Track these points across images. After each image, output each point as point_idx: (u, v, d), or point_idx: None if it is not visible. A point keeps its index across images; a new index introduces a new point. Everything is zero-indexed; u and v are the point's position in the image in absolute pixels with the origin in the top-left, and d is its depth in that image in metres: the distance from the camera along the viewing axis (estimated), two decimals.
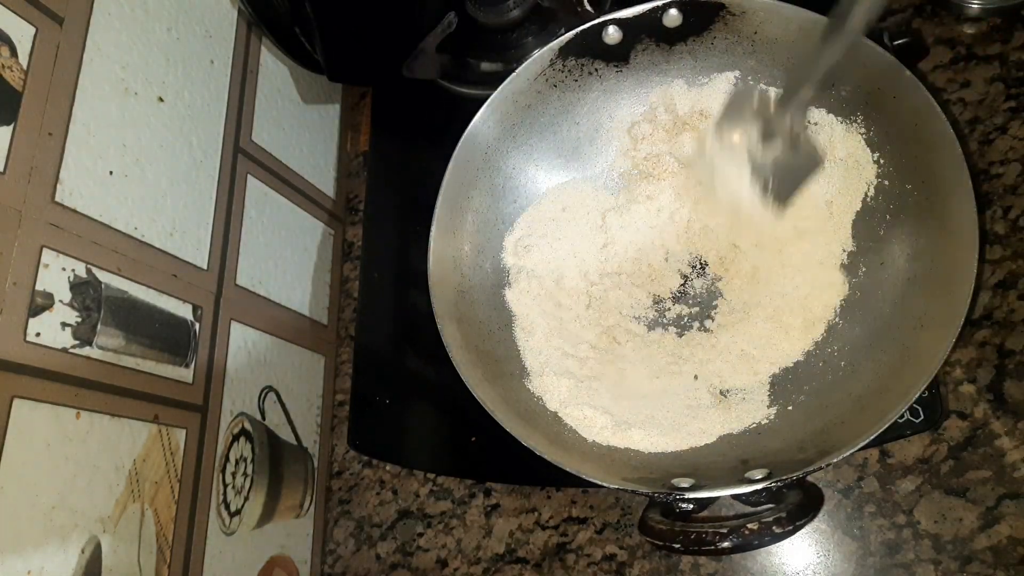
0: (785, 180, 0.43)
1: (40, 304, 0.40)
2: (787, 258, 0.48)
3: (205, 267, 0.53)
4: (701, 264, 0.51)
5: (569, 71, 0.50)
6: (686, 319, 0.50)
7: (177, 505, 0.48)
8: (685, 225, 0.52)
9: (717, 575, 0.50)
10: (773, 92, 0.43)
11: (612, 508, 0.54)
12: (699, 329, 0.50)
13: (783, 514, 0.36)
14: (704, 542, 0.36)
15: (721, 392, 0.46)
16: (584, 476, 0.40)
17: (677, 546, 0.37)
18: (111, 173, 0.46)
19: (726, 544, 0.36)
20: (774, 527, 0.35)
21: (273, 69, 0.64)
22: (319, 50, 0.59)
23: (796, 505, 0.36)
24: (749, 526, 0.35)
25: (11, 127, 0.40)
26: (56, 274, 0.41)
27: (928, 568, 0.46)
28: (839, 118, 0.47)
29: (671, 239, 0.52)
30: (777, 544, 0.39)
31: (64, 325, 0.42)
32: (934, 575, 0.46)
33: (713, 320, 0.50)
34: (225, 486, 0.52)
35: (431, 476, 0.60)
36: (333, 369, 0.67)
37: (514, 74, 0.49)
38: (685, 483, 0.40)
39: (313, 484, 0.62)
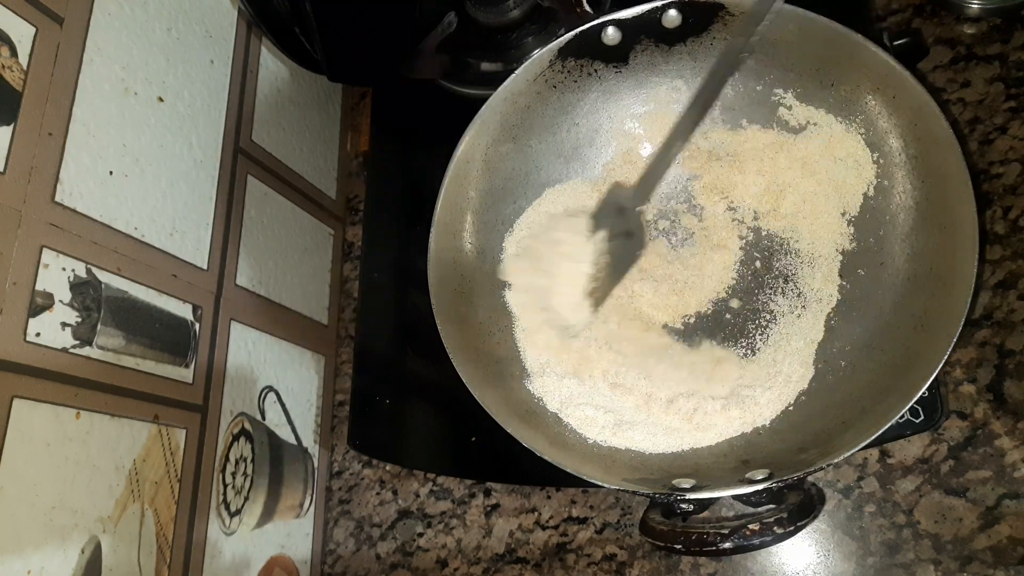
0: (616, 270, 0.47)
1: (40, 304, 0.40)
2: (788, 256, 0.48)
3: (205, 267, 0.53)
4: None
5: (568, 72, 0.50)
6: (687, 319, 0.50)
7: (177, 505, 0.48)
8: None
9: (717, 575, 0.50)
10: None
11: (612, 508, 0.54)
12: (700, 330, 0.50)
13: (784, 514, 0.36)
14: (705, 543, 0.36)
15: (723, 394, 0.46)
16: (585, 477, 0.40)
17: (678, 547, 0.37)
18: (111, 173, 0.46)
19: (727, 545, 0.36)
20: (775, 527, 0.35)
21: (273, 69, 0.64)
22: (319, 50, 0.58)
23: (797, 505, 0.36)
24: (750, 527, 0.35)
25: (11, 127, 0.40)
26: (56, 274, 0.41)
27: (928, 568, 0.46)
28: (839, 118, 0.47)
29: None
30: (778, 544, 0.39)
31: (64, 325, 0.42)
32: (934, 575, 0.46)
33: (714, 320, 0.50)
34: (225, 486, 0.52)
35: (431, 476, 0.60)
36: (333, 369, 0.67)
37: (513, 75, 0.49)
38: (686, 484, 0.40)
39: (313, 484, 0.62)
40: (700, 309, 0.50)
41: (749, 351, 0.48)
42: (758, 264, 0.50)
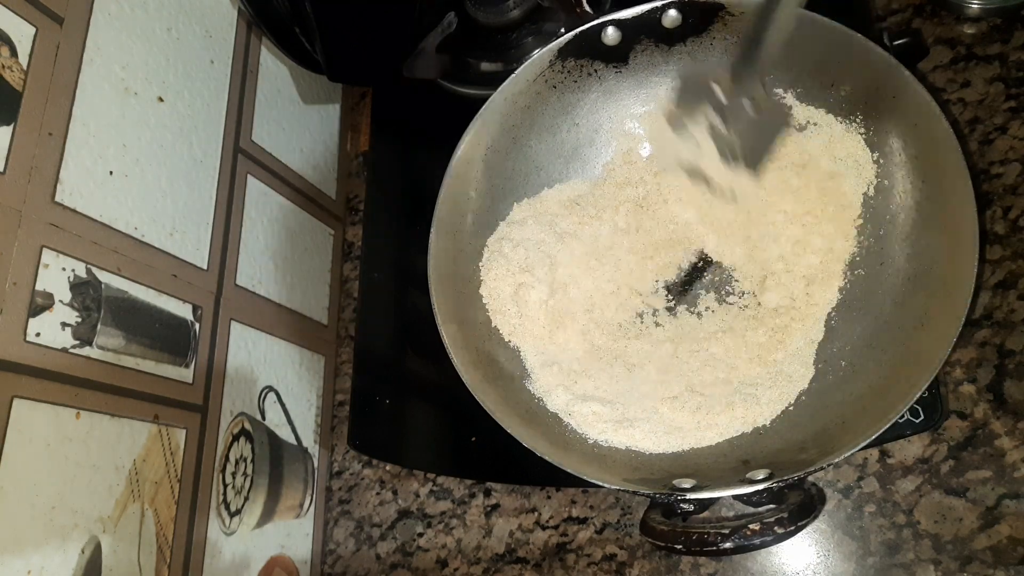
0: (754, 144, 0.42)
1: (40, 304, 0.40)
2: (789, 256, 0.48)
3: (205, 267, 0.53)
4: (705, 261, 0.51)
5: (568, 72, 0.50)
6: (689, 319, 0.50)
7: (177, 505, 0.48)
8: (685, 224, 0.52)
9: (717, 575, 0.50)
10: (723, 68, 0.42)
11: (612, 508, 0.54)
12: (702, 331, 0.50)
13: (785, 514, 0.36)
14: (706, 543, 0.36)
15: (725, 393, 0.46)
16: (585, 477, 0.40)
17: (679, 547, 0.37)
18: (111, 173, 0.46)
19: (728, 545, 0.36)
20: (776, 527, 0.35)
21: (273, 69, 0.64)
22: (319, 50, 0.58)
23: (797, 505, 0.36)
24: (751, 526, 0.35)
25: (11, 127, 0.40)
26: (56, 274, 0.41)
27: (928, 568, 0.46)
28: (839, 118, 0.47)
29: (673, 239, 0.52)
30: (778, 544, 0.39)
31: (64, 325, 0.42)
32: (934, 575, 0.46)
33: (717, 321, 0.50)
34: (225, 486, 0.52)
35: (431, 476, 0.60)
36: (333, 369, 0.67)
37: (513, 75, 0.49)
38: (686, 484, 0.40)
39: (313, 484, 0.62)
40: (702, 305, 0.50)
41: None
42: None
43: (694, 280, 0.51)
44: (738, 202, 0.44)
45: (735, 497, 0.39)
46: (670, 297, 0.51)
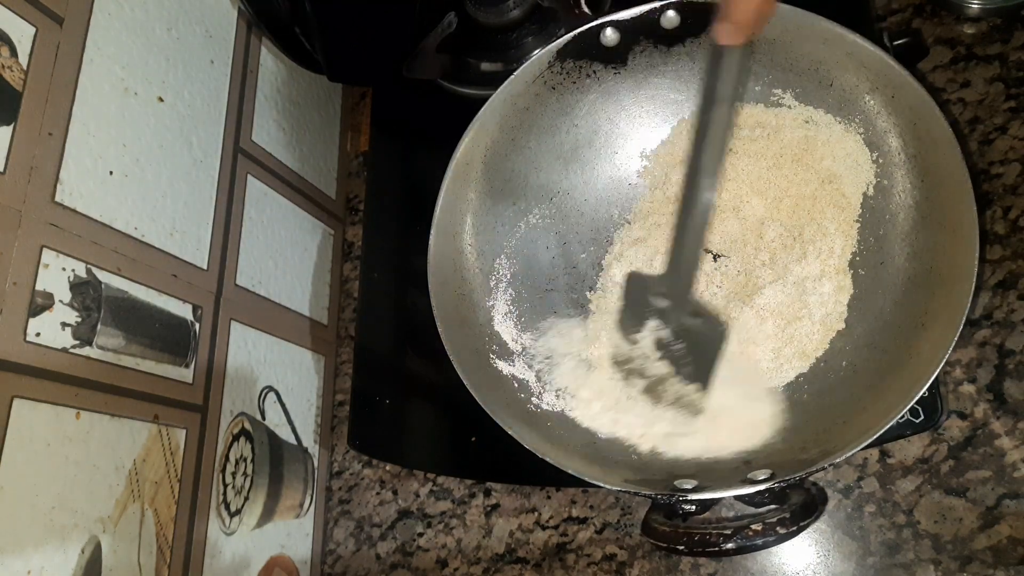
0: (701, 358, 0.43)
1: (40, 304, 0.40)
2: (790, 256, 0.48)
3: (205, 267, 0.53)
4: (714, 256, 0.51)
5: (567, 73, 0.50)
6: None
7: (177, 505, 0.48)
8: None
9: (717, 575, 0.50)
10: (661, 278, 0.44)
11: (612, 508, 0.54)
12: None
13: (787, 514, 0.36)
14: (708, 543, 0.36)
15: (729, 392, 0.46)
16: (586, 478, 0.40)
17: (681, 548, 0.37)
18: (111, 173, 0.46)
19: (730, 545, 0.36)
20: (778, 527, 0.35)
21: (273, 69, 0.64)
22: (319, 50, 0.59)
23: (800, 505, 0.36)
24: (753, 527, 0.35)
25: (11, 127, 0.40)
26: (56, 274, 0.41)
27: (928, 568, 0.46)
28: (838, 118, 0.47)
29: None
30: (780, 545, 0.39)
31: (64, 325, 0.42)
32: (934, 575, 0.46)
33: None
34: (225, 486, 0.52)
35: (431, 476, 0.60)
36: (333, 369, 0.67)
37: (512, 76, 0.49)
38: (688, 485, 0.40)
39: (313, 484, 0.62)
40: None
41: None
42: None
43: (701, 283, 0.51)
44: (700, 415, 0.44)
45: (737, 498, 0.39)
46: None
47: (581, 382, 0.48)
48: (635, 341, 0.45)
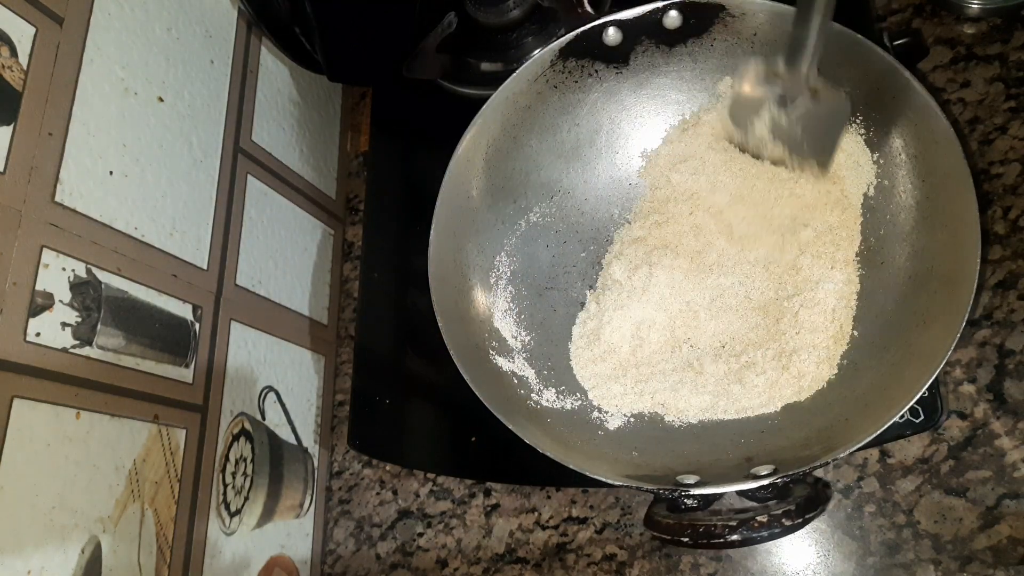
0: (820, 139, 0.42)
1: (40, 304, 0.40)
2: (802, 260, 0.48)
3: (205, 267, 0.53)
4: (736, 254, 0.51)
5: (569, 72, 0.50)
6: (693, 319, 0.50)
7: (177, 505, 0.48)
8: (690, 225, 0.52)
9: (717, 575, 0.50)
10: (778, 58, 0.41)
11: (612, 508, 0.54)
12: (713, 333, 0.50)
13: (792, 507, 0.36)
14: (713, 535, 0.36)
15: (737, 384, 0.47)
16: (589, 474, 0.40)
17: (685, 540, 0.37)
18: (111, 173, 0.46)
19: (735, 537, 0.36)
20: (783, 519, 0.35)
21: (273, 69, 0.64)
22: (319, 50, 0.59)
23: (804, 498, 0.36)
24: (758, 519, 0.35)
25: (11, 127, 0.40)
26: (56, 274, 0.41)
27: (928, 568, 0.46)
28: None
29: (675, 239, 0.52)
30: (778, 542, 0.39)
31: (64, 325, 0.42)
32: (934, 575, 0.46)
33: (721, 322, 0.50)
34: (225, 486, 0.52)
35: (431, 476, 0.60)
36: (333, 369, 0.67)
37: (514, 75, 0.49)
38: (690, 479, 0.40)
39: (313, 484, 0.62)
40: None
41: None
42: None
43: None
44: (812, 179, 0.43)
45: (740, 493, 0.39)
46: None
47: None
48: (749, 126, 0.43)
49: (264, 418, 0.57)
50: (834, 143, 0.42)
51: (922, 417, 0.45)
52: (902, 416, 0.38)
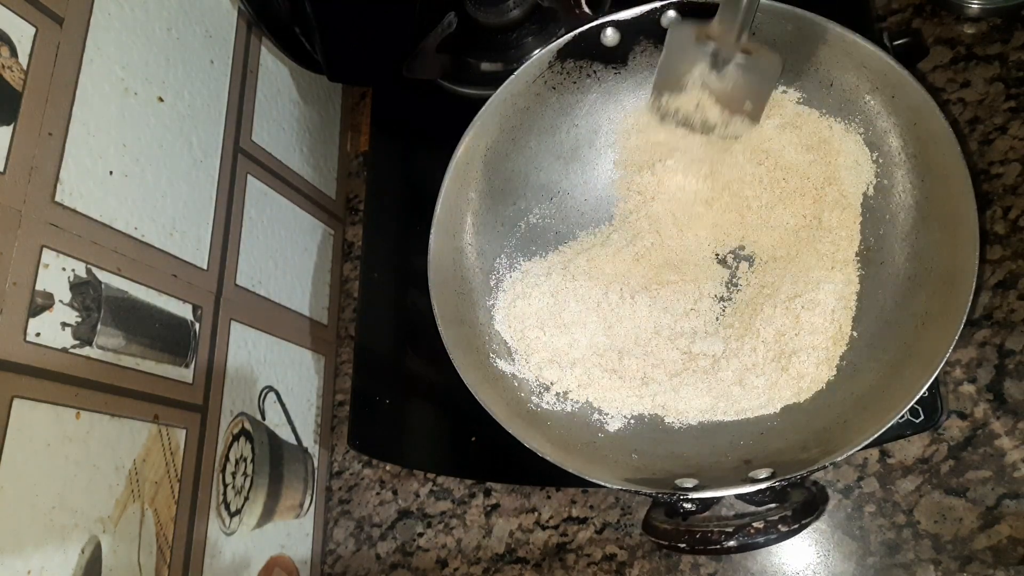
0: (751, 93, 0.44)
1: (40, 304, 0.40)
2: (801, 261, 0.48)
3: (205, 267, 0.53)
4: (737, 253, 0.51)
5: (567, 73, 0.50)
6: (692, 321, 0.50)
7: (177, 505, 0.48)
8: (686, 225, 0.52)
9: (717, 575, 0.50)
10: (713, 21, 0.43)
11: (612, 508, 0.54)
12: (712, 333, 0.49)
13: (788, 512, 0.36)
14: (710, 541, 0.36)
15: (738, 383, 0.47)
16: (587, 477, 0.40)
17: (683, 546, 0.37)
18: (111, 173, 0.46)
19: (732, 543, 0.36)
20: (780, 525, 0.35)
21: (273, 69, 0.64)
22: (319, 50, 0.59)
23: (801, 503, 0.36)
24: (755, 525, 0.35)
25: (11, 127, 0.40)
26: (56, 274, 0.41)
27: (928, 568, 0.46)
28: (838, 118, 0.47)
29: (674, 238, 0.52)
30: (779, 544, 0.39)
31: (64, 325, 0.42)
32: (934, 575, 0.46)
33: (726, 322, 0.50)
34: (225, 486, 0.52)
35: (431, 476, 0.60)
36: (333, 369, 0.67)
37: (512, 76, 0.49)
38: (689, 483, 0.40)
39: (313, 484, 0.62)
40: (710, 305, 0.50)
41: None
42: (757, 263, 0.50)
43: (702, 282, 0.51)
44: (741, 141, 0.45)
45: (738, 496, 0.39)
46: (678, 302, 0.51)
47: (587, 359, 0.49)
48: (681, 88, 0.45)
49: (264, 418, 0.57)
50: (765, 96, 0.44)
51: (922, 417, 0.45)
52: (902, 416, 0.37)
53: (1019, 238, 0.49)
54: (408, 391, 0.60)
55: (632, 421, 0.47)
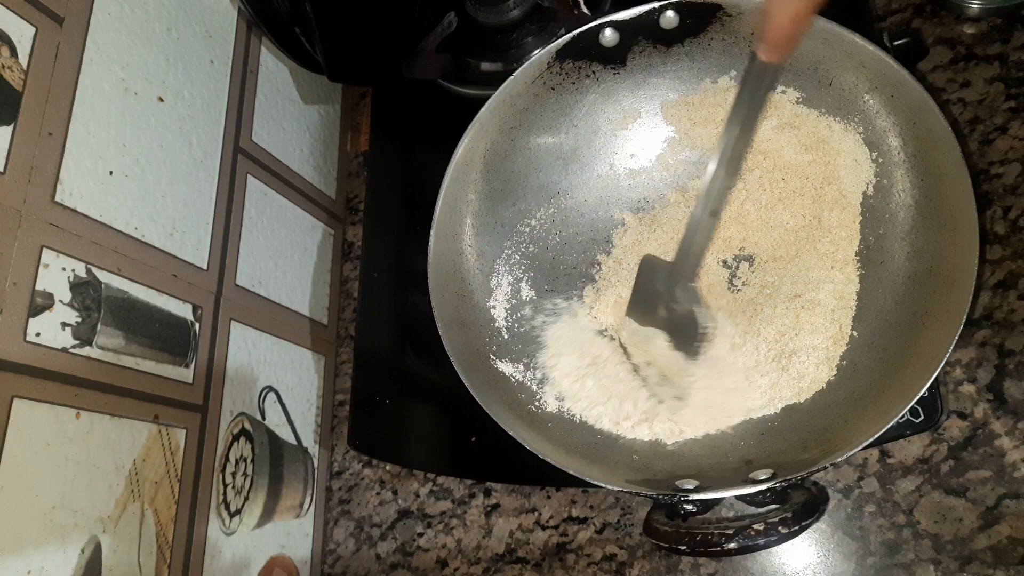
0: (691, 340, 0.46)
1: (40, 304, 0.40)
2: (801, 261, 0.48)
3: (205, 267, 0.53)
4: (737, 254, 0.51)
5: (566, 74, 0.50)
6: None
7: (177, 505, 0.48)
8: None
9: (717, 575, 0.50)
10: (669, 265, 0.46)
11: (612, 508, 0.54)
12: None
13: (788, 514, 0.36)
14: (710, 543, 0.36)
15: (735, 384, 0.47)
16: (588, 479, 0.40)
17: (683, 548, 0.37)
18: (111, 173, 0.46)
19: (732, 545, 0.36)
20: (780, 527, 0.35)
21: (273, 69, 0.64)
22: (319, 50, 0.59)
23: (801, 505, 0.36)
24: (755, 527, 0.35)
25: (11, 127, 0.40)
26: (56, 274, 0.41)
27: (928, 568, 0.46)
28: (837, 118, 0.47)
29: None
30: (781, 544, 0.39)
31: (64, 325, 0.42)
32: (934, 575, 0.46)
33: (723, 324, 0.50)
34: (225, 486, 0.52)
35: (431, 476, 0.60)
36: (333, 369, 0.67)
37: (511, 77, 0.49)
38: (689, 485, 0.40)
39: (313, 484, 0.62)
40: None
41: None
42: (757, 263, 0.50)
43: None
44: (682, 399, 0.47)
45: (738, 497, 0.39)
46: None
47: (578, 374, 0.49)
48: (645, 321, 0.47)
49: (264, 418, 0.57)
50: (698, 347, 0.46)
51: (922, 417, 0.45)
52: (902, 416, 0.37)
53: (1019, 238, 0.49)
54: (408, 391, 0.60)
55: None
